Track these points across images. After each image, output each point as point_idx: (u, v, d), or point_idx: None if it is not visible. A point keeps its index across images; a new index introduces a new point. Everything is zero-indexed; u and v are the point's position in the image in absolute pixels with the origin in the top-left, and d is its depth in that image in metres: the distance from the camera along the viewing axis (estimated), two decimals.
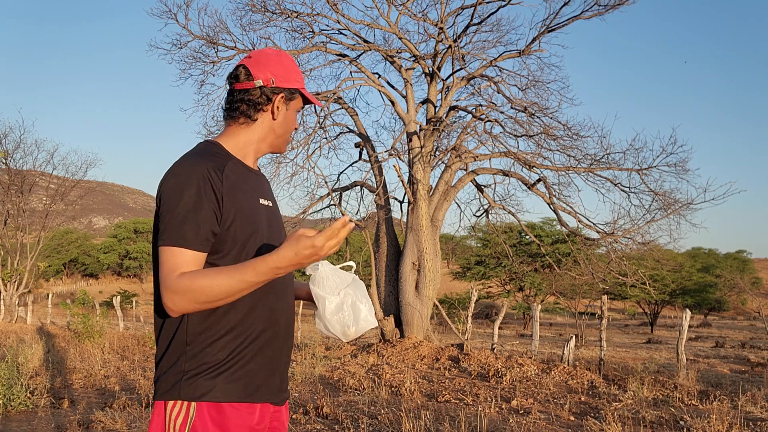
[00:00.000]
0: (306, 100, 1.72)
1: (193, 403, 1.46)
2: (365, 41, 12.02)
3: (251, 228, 1.54)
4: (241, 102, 1.62)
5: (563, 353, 9.17)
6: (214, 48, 11.58)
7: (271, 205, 1.66)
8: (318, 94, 11.68)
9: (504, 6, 11.30)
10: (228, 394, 1.48)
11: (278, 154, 11.99)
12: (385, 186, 11.96)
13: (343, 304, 1.49)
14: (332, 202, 12.50)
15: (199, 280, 1.39)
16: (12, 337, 11.80)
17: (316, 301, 1.51)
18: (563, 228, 12.13)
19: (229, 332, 1.50)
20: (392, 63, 12.21)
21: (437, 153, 11.96)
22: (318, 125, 12.08)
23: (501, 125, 11.56)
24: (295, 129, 1.71)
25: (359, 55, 12.32)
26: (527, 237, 22.19)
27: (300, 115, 12.18)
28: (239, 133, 1.64)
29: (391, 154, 11.45)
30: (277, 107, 1.64)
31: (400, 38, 11.81)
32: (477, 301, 14.38)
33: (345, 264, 1.63)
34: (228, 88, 1.68)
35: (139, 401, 5.91)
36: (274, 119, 1.65)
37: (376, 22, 11.77)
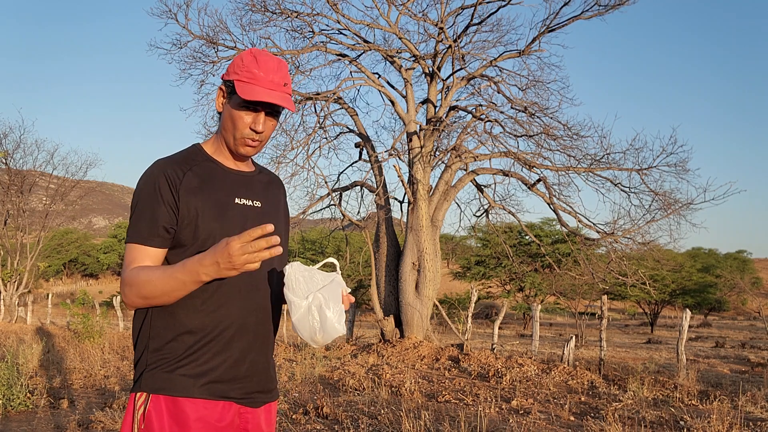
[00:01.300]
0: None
1: (151, 395, 1.50)
2: (365, 41, 12.02)
3: (213, 226, 1.53)
4: None
5: (563, 353, 9.16)
6: (214, 48, 11.58)
7: (258, 205, 1.63)
8: (318, 94, 11.69)
9: (504, 6, 11.30)
10: (184, 388, 1.49)
11: (278, 153, 12.00)
12: (385, 186, 11.96)
13: (310, 309, 1.45)
14: (332, 202, 12.50)
15: (141, 274, 1.46)
16: (12, 337, 11.79)
17: (288, 305, 1.49)
18: (563, 228, 12.13)
19: (191, 329, 1.52)
20: (392, 63, 12.21)
21: (437, 153, 11.96)
22: (318, 125, 12.08)
23: (501, 125, 11.56)
24: (255, 131, 1.57)
25: (359, 55, 12.32)
26: (527, 237, 22.18)
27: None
28: (216, 136, 1.67)
29: (391, 154, 11.45)
30: (221, 103, 1.61)
31: (400, 38, 11.81)
32: (477, 301, 14.38)
33: (326, 261, 1.60)
34: None
35: None
36: (219, 113, 1.64)
37: (376, 22, 11.77)
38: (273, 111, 1.58)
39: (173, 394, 1.49)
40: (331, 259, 1.62)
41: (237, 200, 1.59)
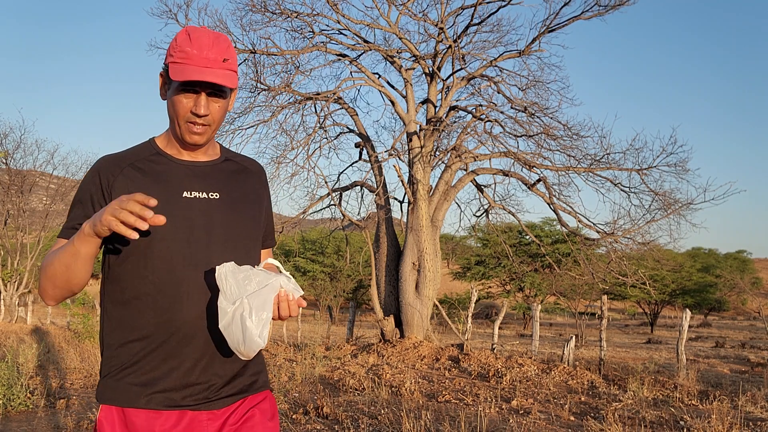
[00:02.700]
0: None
1: (101, 405, 1.44)
2: (365, 41, 12.02)
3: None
4: None
5: (563, 353, 9.17)
6: None
7: (215, 196, 1.49)
8: (318, 94, 11.69)
9: (504, 6, 11.31)
10: (129, 399, 1.41)
11: (278, 153, 12.00)
12: (385, 186, 11.97)
13: (234, 316, 1.30)
14: (332, 202, 12.50)
15: (49, 255, 1.41)
16: (12, 337, 11.80)
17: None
18: (563, 228, 12.13)
19: (138, 336, 1.43)
20: (392, 63, 12.22)
21: (437, 153, 11.96)
22: (318, 125, 12.08)
23: (501, 125, 11.57)
24: (197, 114, 1.43)
25: (359, 55, 12.32)
26: (527, 237, 22.20)
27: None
28: (169, 127, 1.55)
29: (391, 154, 11.46)
30: (162, 90, 1.50)
31: (400, 38, 11.81)
32: (477, 301, 14.38)
33: (266, 261, 1.48)
34: None
35: None
36: (164, 100, 1.51)
37: (376, 22, 11.78)
38: (216, 91, 1.43)
39: (120, 404, 1.41)
40: (270, 260, 1.48)
41: (186, 194, 1.46)
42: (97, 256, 1.44)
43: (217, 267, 1.34)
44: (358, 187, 12.88)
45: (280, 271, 1.42)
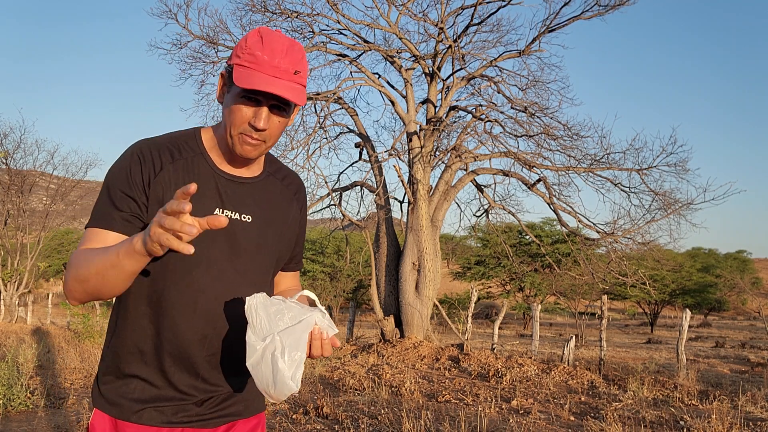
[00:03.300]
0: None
1: (95, 408, 1.39)
2: (365, 41, 12.03)
3: None
4: None
5: (563, 353, 9.17)
6: (214, 48, 11.59)
7: (247, 219, 1.37)
8: (318, 94, 11.69)
9: (504, 6, 11.31)
10: (121, 412, 1.34)
11: (278, 153, 12.00)
12: (385, 186, 11.97)
13: (264, 354, 1.17)
14: (332, 202, 12.51)
15: (82, 254, 1.24)
16: (12, 337, 11.80)
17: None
18: (563, 228, 12.14)
19: (138, 349, 1.35)
20: (392, 63, 12.22)
21: (437, 153, 11.96)
22: (318, 125, 12.09)
23: (501, 125, 11.57)
24: (255, 128, 1.29)
25: (359, 55, 12.33)
26: (527, 237, 22.19)
27: (299, 115, 12.19)
28: (217, 126, 1.42)
29: (391, 154, 11.46)
30: (221, 92, 1.35)
31: (400, 38, 11.81)
32: (477, 301, 14.38)
33: (301, 294, 1.34)
34: None
35: None
36: (220, 104, 1.35)
37: (376, 22, 11.78)
38: (281, 105, 1.29)
39: (113, 415, 1.34)
40: (306, 292, 1.33)
41: (217, 211, 1.33)
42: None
43: (248, 298, 1.21)
44: (358, 187, 12.89)
45: (315, 305, 1.28)
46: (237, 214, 1.36)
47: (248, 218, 1.37)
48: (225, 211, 1.34)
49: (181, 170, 1.33)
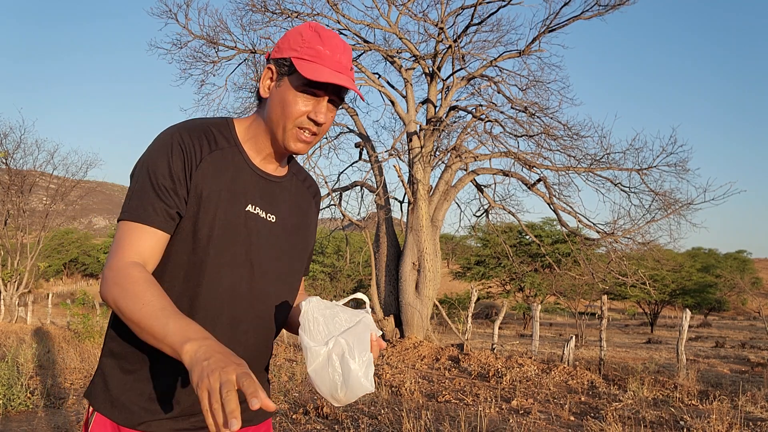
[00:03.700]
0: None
1: (96, 412, 1.28)
2: (365, 41, 12.03)
3: (214, 231, 1.24)
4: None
5: (563, 353, 9.17)
6: (214, 48, 11.59)
7: (272, 219, 1.33)
8: None
9: (504, 6, 11.32)
10: (127, 419, 1.24)
11: None
12: (385, 186, 11.97)
13: (330, 358, 1.13)
14: (332, 202, 12.51)
15: (136, 284, 1.10)
16: (12, 337, 11.80)
17: (303, 350, 1.17)
18: (563, 228, 12.14)
19: (155, 358, 1.25)
20: (392, 63, 12.22)
21: (437, 153, 11.97)
22: None
23: (501, 125, 11.58)
24: (315, 122, 1.26)
25: (359, 55, 12.33)
26: (527, 237, 22.19)
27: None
28: (252, 119, 1.35)
29: (391, 154, 11.46)
30: (268, 86, 1.30)
31: (400, 38, 11.81)
32: (477, 301, 14.39)
33: (352, 296, 1.30)
34: None
35: None
36: (266, 98, 1.32)
37: (376, 22, 11.78)
38: (337, 99, 1.29)
39: (115, 420, 1.24)
40: (359, 295, 1.30)
41: (249, 207, 1.29)
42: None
43: (303, 303, 1.17)
44: (358, 187, 12.89)
45: (364, 307, 1.25)
46: (263, 212, 1.32)
47: (272, 218, 1.34)
48: (256, 207, 1.30)
49: (218, 162, 1.27)
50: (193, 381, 0.94)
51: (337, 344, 1.13)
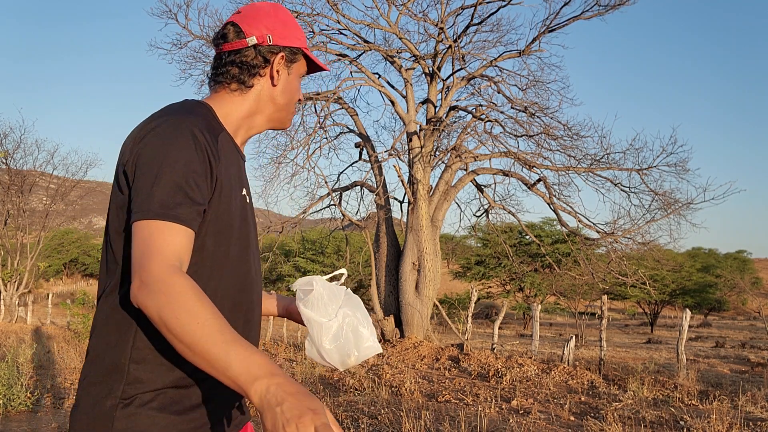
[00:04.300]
0: (311, 65, 1.39)
1: None
2: (365, 41, 12.03)
3: (230, 221, 1.20)
4: (232, 65, 1.29)
5: (563, 353, 9.17)
6: (214, 48, 11.59)
7: (248, 200, 1.31)
8: (318, 94, 11.69)
9: (504, 6, 11.31)
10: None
11: (278, 153, 12.01)
12: (385, 186, 11.97)
13: (342, 328, 1.22)
14: (332, 202, 12.51)
15: (192, 299, 0.97)
16: (12, 337, 11.80)
17: (309, 326, 1.21)
18: (563, 228, 12.14)
19: (188, 369, 1.14)
20: (392, 63, 12.22)
21: (437, 153, 11.97)
22: (318, 125, 12.09)
23: (501, 125, 11.58)
24: (300, 101, 1.38)
25: (359, 55, 12.33)
26: (527, 237, 22.19)
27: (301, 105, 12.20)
28: (231, 102, 1.30)
29: (391, 154, 11.46)
30: (277, 71, 1.30)
31: (400, 38, 11.81)
32: (477, 301, 14.38)
33: (336, 273, 1.38)
34: (215, 51, 1.37)
35: None
36: (274, 85, 1.31)
37: (376, 22, 11.78)
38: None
39: None
40: (341, 270, 1.39)
41: (244, 191, 1.28)
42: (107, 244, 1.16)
43: (314, 280, 1.26)
44: (358, 187, 12.89)
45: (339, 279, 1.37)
46: (246, 192, 1.30)
47: (248, 197, 1.31)
48: (244, 190, 1.29)
49: (227, 151, 1.22)
50: (267, 429, 0.88)
51: (345, 316, 1.22)
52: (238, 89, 1.29)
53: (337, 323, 1.22)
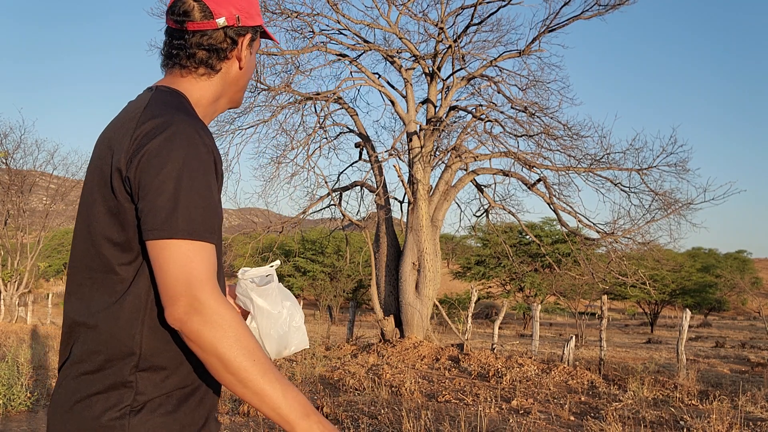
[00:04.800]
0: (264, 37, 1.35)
1: None
2: (365, 41, 12.03)
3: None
4: (199, 48, 1.20)
5: (563, 353, 9.17)
6: (172, 23, 11.58)
7: None
8: (318, 94, 11.69)
9: (504, 6, 11.31)
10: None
11: (278, 153, 12.00)
12: (385, 186, 11.97)
13: (286, 321, 1.25)
14: (332, 202, 12.51)
15: (241, 331, 1.01)
16: (12, 337, 11.79)
17: (257, 314, 1.22)
18: (563, 228, 12.14)
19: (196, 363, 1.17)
20: (392, 63, 12.22)
21: (437, 153, 11.97)
22: (318, 125, 12.09)
23: (501, 125, 11.57)
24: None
25: (359, 55, 12.33)
26: (527, 237, 22.20)
27: (300, 115, 12.21)
28: (200, 88, 1.23)
29: (391, 154, 11.46)
30: (244, 54, 1.25)
31: (400, 38, 11.81)
32: (477, 301, 14.38)
33: (274, 264, 1.36)
34: (173, 26, 1.30)
35: None
36: (240, 68, 1.26)
37: (376, 22, 11.78)
38: None
39: None
40: (277, 262, 1.38)
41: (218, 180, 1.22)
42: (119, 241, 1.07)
43: (269, 270, 1.29)
44: (358, 187, 12.88)
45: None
46: None
47: None
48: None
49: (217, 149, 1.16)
50: None
51: (289, 309, 1.27)
52: (206, 74, 1.22)
53: (285, 314, 1.26)
